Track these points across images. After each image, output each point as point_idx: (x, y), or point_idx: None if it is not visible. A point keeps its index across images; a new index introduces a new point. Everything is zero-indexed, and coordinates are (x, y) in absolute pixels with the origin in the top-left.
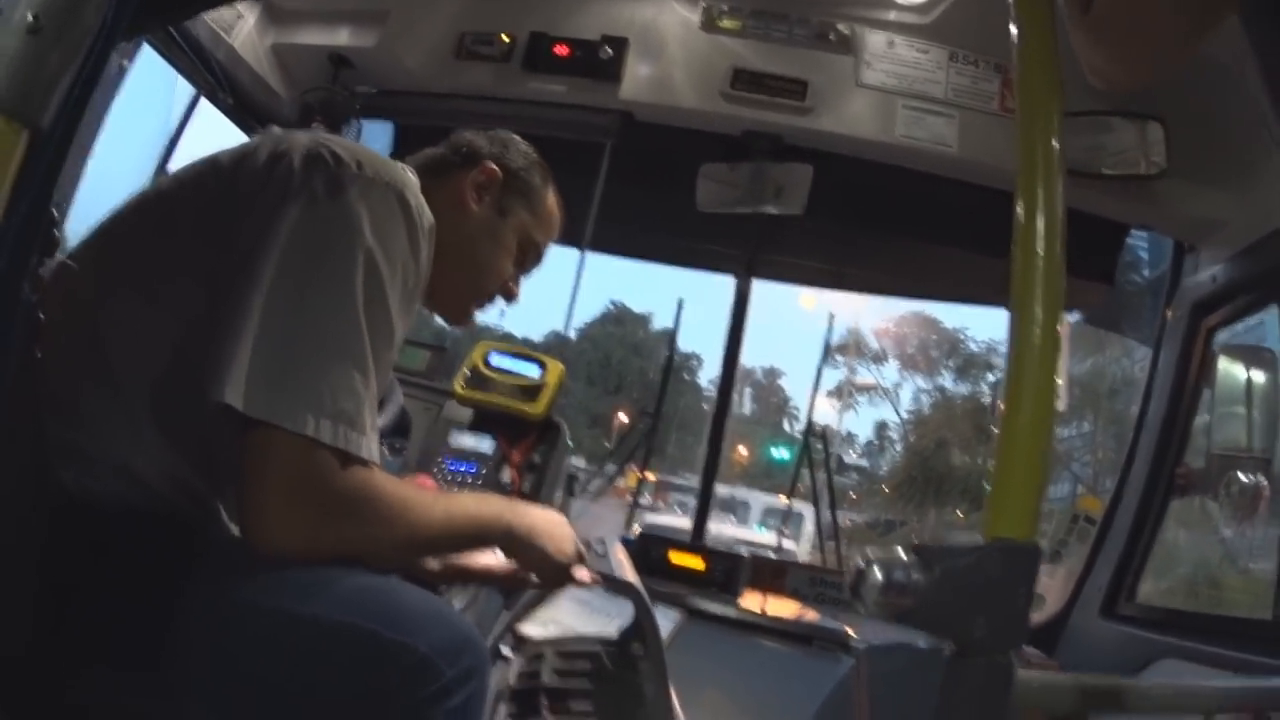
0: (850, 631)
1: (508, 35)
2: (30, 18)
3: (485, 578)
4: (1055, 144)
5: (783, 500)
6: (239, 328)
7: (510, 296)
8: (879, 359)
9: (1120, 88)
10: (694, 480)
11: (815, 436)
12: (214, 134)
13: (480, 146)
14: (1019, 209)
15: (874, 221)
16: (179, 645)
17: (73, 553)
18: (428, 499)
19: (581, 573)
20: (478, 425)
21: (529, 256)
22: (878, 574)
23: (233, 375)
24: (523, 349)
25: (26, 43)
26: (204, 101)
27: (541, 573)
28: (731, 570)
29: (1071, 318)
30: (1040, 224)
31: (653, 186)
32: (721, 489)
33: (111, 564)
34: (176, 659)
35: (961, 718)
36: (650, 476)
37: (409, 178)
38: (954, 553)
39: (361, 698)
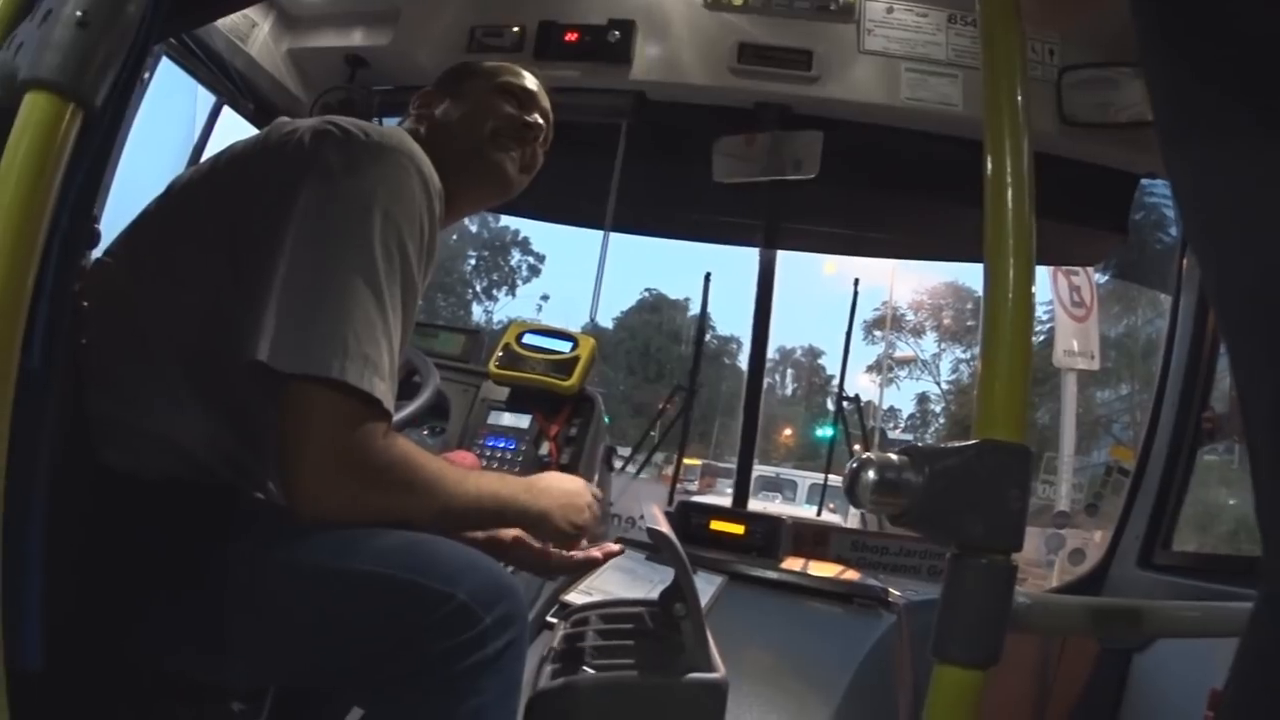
0: (891, 589)
1: (517, 26)
2: (78, 14)
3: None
4: (1019, 95)
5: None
6: (264, 292)
7: (530, 129)
8: (917, 332)
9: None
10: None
11: (849, 401)
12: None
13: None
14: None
15: (887, 185)
16: (222, 603)
17: (119, 523)
18: (460, 473)
19: (582, 546)
20: (514, 403)
21: (513, 102)
22: (871, 474)
23: (261, 334)
24: (554, 328)
25: (77, 34)
26: (226, 110)
27: (555, 543)
28: (771, 534)
29: (1099, 277)
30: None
31: (670, 163)
32: (768, 469)
33: (156, 530)
34: (219, 616)
35: (964, 617)
36: (692, 461)
37: (414, 143)
38: (944, 453)
39: (402, 646)
